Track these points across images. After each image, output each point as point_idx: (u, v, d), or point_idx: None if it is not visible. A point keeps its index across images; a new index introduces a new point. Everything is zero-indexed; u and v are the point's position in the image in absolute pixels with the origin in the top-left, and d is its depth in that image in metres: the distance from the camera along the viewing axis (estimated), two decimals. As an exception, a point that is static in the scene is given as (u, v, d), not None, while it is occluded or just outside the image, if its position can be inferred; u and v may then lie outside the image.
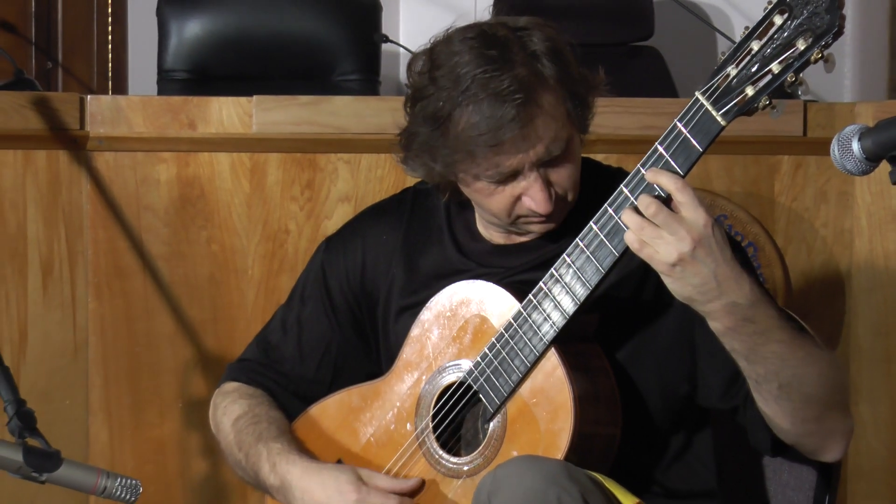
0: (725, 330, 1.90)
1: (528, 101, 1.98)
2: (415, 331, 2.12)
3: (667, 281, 1.88)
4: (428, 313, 2.12)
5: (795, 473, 2.24)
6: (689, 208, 1.85)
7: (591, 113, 2.10)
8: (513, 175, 2.02)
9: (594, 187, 2.12)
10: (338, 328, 2.26)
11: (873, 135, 1.83)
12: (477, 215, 2.21)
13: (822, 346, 1.99)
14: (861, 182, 3.30)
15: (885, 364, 3.31)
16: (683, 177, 1.88)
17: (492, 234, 2.18)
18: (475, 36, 2.04)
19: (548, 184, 2.03)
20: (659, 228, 1.84)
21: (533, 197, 2.02)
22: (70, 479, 1.91)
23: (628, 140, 3.01)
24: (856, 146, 1.84)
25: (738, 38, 1.91)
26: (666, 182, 1.86)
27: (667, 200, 1.86)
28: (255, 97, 3.22)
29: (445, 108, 2.01)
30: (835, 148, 1.87)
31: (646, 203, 1.86)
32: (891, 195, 3.28)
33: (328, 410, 2.20)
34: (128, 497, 1.94)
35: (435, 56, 2.06)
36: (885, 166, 1.85)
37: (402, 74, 5.70)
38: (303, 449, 2.17)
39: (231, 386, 2.31)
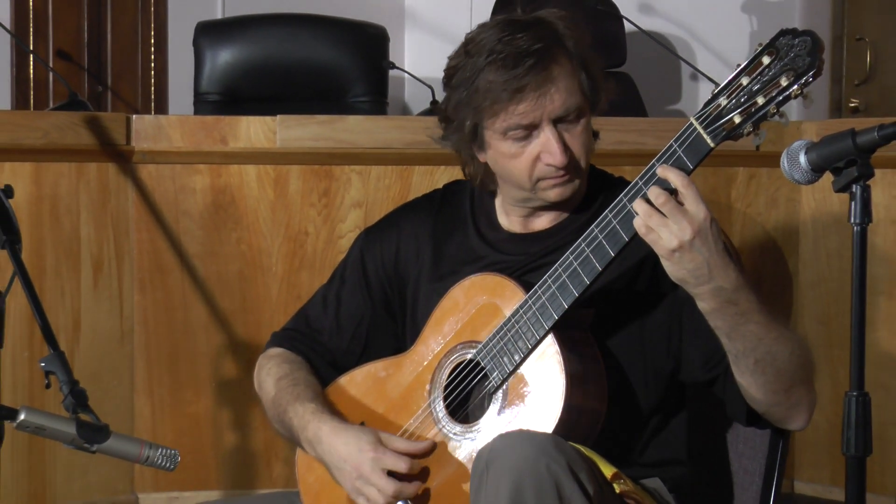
0: (711, 310, 1.90)
1: (546, 53, 1.99)
2: (436, 313, 2.12)
3: (665, 264, 1.87)
4: (448, 299, 2.11)
5: (750, 444, 2.23)
6: (693, 202, 1.85)
7: (601, 97, 2.09)
8: (532, 128, 2.03)
9: (599, 192, 2.13)
10: (371, 306, 2.27)
11: (818, 149, 1.83)
12: (498, 205, 2.21)
13: (793, 329, 2.00)
14: (807, 190, 3.30)
15: (827, 349, 3.31)
16: (690, 172, 1.87)
17: (511, 223, 2.19)
18: (506, 16, 2.07)
19: (563, 141, 2.03)
20: (665, 217, 1.84)
21: (549, 150, 2.02)
22: (117, 450, 1.91)
23: (603, 154, 3.00)
24: (803, 159, 1.84)
25: (699, 66, 1.91)
26: (674, 177, 1.86)
27: (674, 194, 1.86)
28: (278, 116, 3.22)
29: (475, 69, 2.02)
30: (784, 161, 1.86)
31: (656, 194, 1.85)
32: (832, 202, 3.28)
33: (356, 379, 2.20)
34: (168, 465, 1.93)
35: (468, 38, 2.08)
36: (828, 176, 1.85)
37: (408, 97, 5.75)
38: (333, 410, 2.17)
39: (275, 351, 2.31)
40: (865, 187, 1.80)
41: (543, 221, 2.16)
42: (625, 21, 4.78)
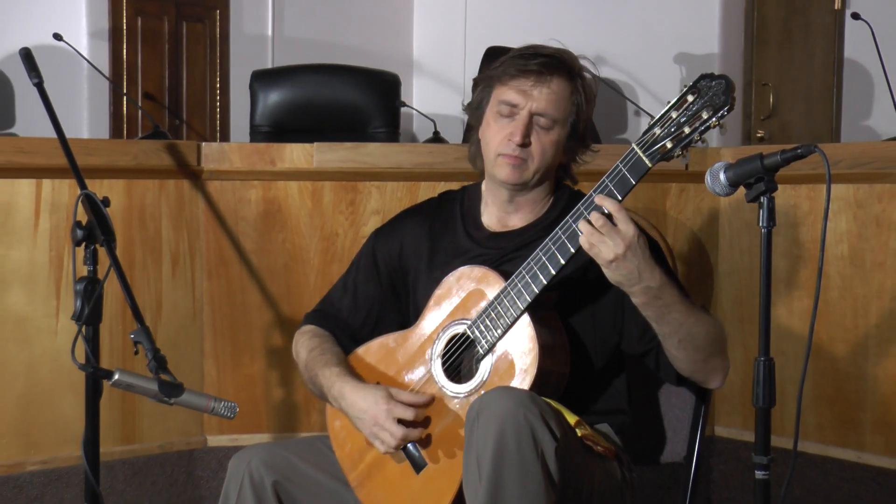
0: (642, 303, 1.91)
1: (555, 65, 2.03)
2: (434, 296, 2.10)
3: (605, 271, 1.88)
4: (443, 285, 2.09)
5: (680, 399, 2.22)
6: (623, 223, 1.85)
7: (579, 139, 2.10)
8: (515, 109, 2.04)
9: (561, 200, 2.12)
10: (381, 290, 2.24)
11: (734, 169, 1.83)
12: (482, 208, 2.19)
13: (708, 313, 2.00)
14: (725, 201, 3.29)
15: (740, 324, 3.30)
16: (620, 201, 1.88)
17: (491, 221, 2.17)
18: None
19: (529, 132, 2.04)
20: (603, 235, 1.85)
21: (516, 129, 2.03)
22: (190, 402, 1.90)
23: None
24: (722, 177, 1.84)
25: (641, 104, 1.90)
26: (608, 204, 1.87)
27: (609, 217, 1.86)
28: (315, 143, 3.21)
29: (498, 64, 2.08)
30: (708, 178, 1.86)
31: (595, 217, 1.86)
32: (744, 210, 3.28)
33: (371, 349, 2.18)
34: (229, 414, 1.92)
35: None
36: (741, 190, 1.84)
37: (415, 128, 5.72)
38: (353, 373, 2.15)
39: (308, 327, 2.29)
40: (771, 198, 1.80)
41: (517, 220, 2.14)
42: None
